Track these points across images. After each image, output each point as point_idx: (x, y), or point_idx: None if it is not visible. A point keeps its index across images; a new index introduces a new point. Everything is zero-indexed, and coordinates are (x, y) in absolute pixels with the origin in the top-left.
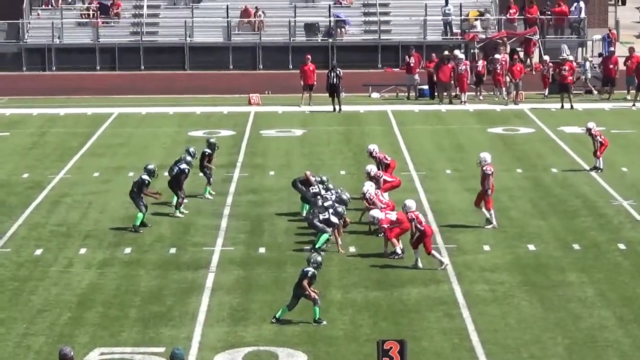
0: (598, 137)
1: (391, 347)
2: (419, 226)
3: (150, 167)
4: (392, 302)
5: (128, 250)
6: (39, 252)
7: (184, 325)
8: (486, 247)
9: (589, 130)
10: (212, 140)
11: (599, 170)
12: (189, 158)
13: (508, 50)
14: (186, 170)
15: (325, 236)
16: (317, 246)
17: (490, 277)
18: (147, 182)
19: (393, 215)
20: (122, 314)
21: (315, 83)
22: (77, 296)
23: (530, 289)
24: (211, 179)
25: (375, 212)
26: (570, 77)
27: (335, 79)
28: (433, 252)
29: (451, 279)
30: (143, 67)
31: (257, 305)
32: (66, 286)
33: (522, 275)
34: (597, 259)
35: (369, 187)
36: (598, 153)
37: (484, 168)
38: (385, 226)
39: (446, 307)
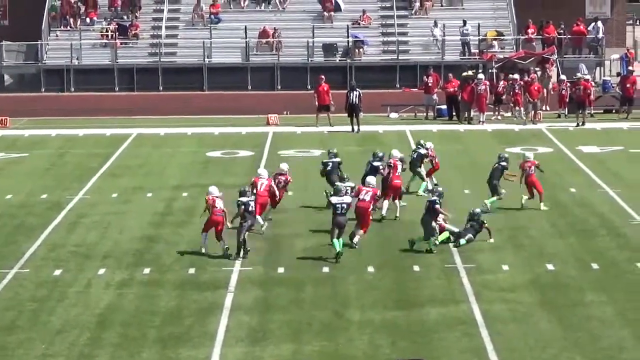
0: None
1: None
2: None
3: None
4: (411, 321)
5: (147, 270)
6: (58, 272)
7: (203, 346)
8: (505, 267)
9: None
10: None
11: None
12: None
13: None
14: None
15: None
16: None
17: (509, 297)
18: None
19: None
20: (141, 334)
21: (332, 103)
22: (95, 316)
23: (549, 308)
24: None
25: None
26: (586, 96)
27: (355, 99)
28: None
29: (470, 298)
30: (161, 88)
31: (276, 326)
32: (85, 307)
33: (541, 295)
34: (616, 279)
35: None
36: None
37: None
38: None
39: (465, 327)
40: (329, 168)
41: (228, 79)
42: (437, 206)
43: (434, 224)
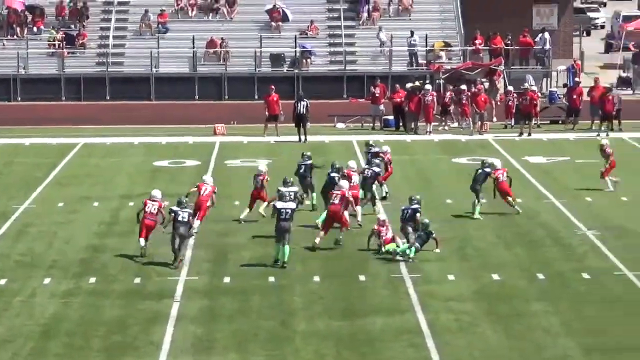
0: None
1: None
2: None
3: None
4: (357, 331)
5: (93, 280)
6: (2, 282)
7: (148, 356)
8: (451, 277)
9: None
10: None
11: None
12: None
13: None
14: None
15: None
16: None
17: (455, 307)
18: None
19: None
20: (86, 343)
21: (281, 113)
22: (40, 326)
23: (494, 318)
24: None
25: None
26: (533, 107)
27: (302, 109)
28: None
29: (416, 308)
30: (109, 97)
31: (222, 335)
32: (30, 316)
33: (487, 305)
34: (561, 289)
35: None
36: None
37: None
38: None
39: (411, 337)
40: (301, 170)
41: (175, 88)
42: (419, 214)
43: (410, 228)
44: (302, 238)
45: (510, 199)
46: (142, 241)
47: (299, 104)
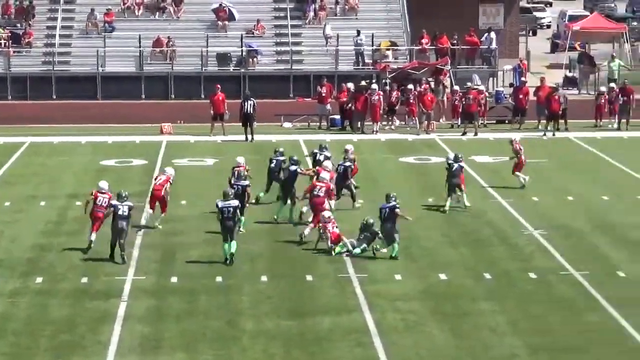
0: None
1: None
2: None
3: None
4: (305, 330)
5: (40, 279)
6: None
7: (96, 355)
8: (397, 276)
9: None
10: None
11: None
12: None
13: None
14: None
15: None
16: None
17: (402, 306)
18: None
19: None
20: (34, 343)
21: (226, 112)
22: None
23: (441, 317)
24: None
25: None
26: (477, 106)
27: (250, 109)
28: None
29: (363, 307)
30: (55, 97)
31: (169, 335)
32: None
33: (434, 304)
34: (508, 288)
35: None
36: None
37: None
38: None
39: (358, 336)
40: (272, 165)
41: (122, 87)
42: (398, 210)
43: (390, 227)
44: (250, 237)
45: (460, 193)
46: (93, 235)
47: (246, 103)
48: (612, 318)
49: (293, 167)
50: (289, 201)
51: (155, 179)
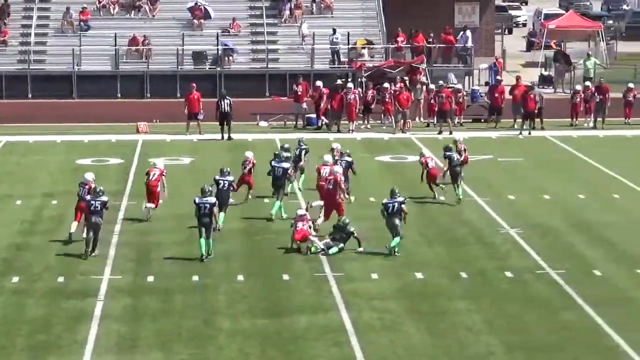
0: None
1: None
2: None
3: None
4: (281, 330)
5: (16, 279)
6: None
7: (72, 354)
8: (374, 275)
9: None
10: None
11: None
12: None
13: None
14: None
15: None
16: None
17: (378, 305)
18: None
19: None
20: (10, 342)
21: (201, 111)
22: None
23: (418, 316)
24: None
25: None
26: (450, 104)
27: (226, 107)
28: None
29: (339, 306)
30: (30, 96)
31: (146, 334)
32: None
33: (410, 303)
34: (484, 287)
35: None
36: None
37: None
38: None
39: (335, 335)
40: (297, 153)
41: (98, 86)
42: (404, 206)
43: (397, 222)
44: (226, 236)
45: (436, 187)
46: (73, 226)
47: (222, 102)
48: (588, 316)
49: (285, 165)
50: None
51: (148, 175)
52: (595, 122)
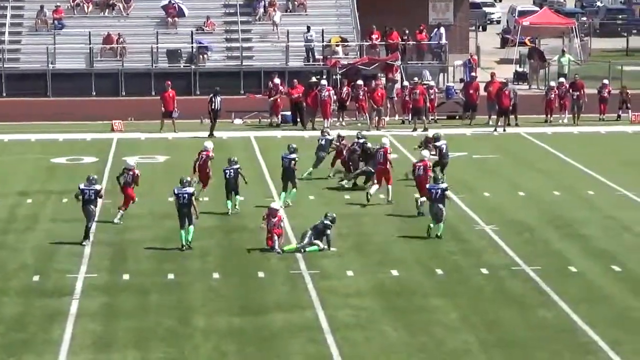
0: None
1: None
2: None
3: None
4: (257, 328)
5: None
6: None
7: (48, 353)
8: (349, 273)
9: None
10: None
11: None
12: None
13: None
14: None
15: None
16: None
17: (354, 303)
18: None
19: None
20: None
21: (176, 110)
22: None
23: (394, 313)
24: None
25: None
26: (424, 101)
27: (219, 105)
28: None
29: (315, 304)
30: (5, 94)
31: (121, 332)
32: None
33: (386, 301)
34: (460, 284)
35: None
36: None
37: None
38: None
39: (311, 333)
40: (322, 142)
41: (72, 85)
42: (448, 192)
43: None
44: (201, 234)
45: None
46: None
47: (215, 99)
48: (564, 313)
49: (292, 155)
50: (292, 187)
51: (199, 155)
52: (574, 118)
